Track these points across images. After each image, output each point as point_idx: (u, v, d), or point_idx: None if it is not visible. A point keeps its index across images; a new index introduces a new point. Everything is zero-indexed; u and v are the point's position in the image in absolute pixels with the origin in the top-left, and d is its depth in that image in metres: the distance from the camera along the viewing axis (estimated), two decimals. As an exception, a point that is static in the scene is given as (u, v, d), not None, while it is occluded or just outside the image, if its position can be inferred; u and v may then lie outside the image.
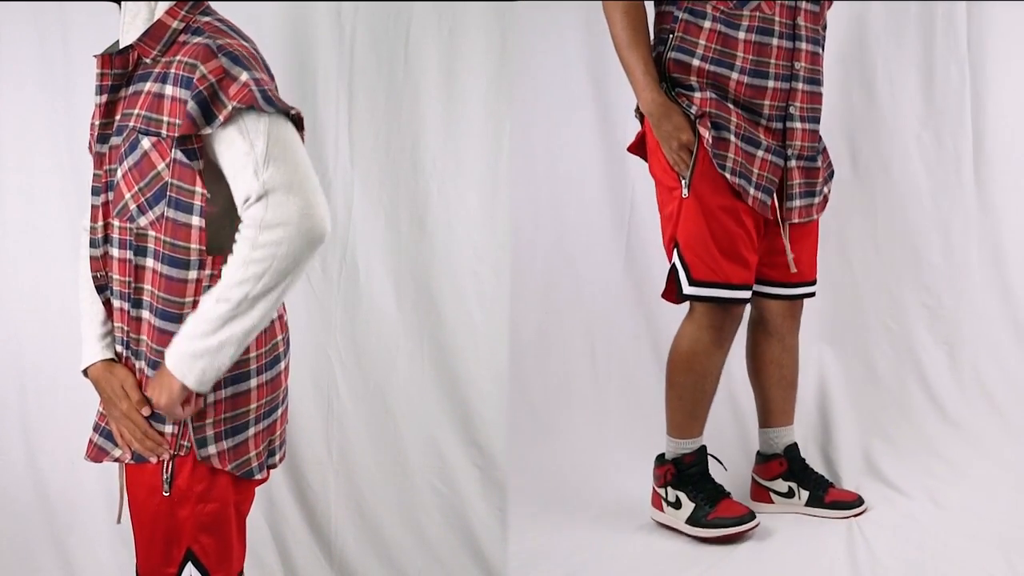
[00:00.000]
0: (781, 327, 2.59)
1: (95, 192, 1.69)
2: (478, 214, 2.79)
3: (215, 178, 1.63)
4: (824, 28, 2.51)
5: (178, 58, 1.60)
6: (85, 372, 1.76)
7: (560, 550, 2.51)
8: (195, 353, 1.57)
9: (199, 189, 1.60)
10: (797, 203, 2.47)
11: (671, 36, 2.41)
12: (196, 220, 1.61)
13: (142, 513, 1.70)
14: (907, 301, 3.04)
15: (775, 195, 2.43)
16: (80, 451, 1.85)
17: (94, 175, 1.69)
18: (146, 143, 1.60)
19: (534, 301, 3.15)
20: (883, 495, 2.60)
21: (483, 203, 2.79)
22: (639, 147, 2.56)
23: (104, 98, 1.68)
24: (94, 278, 1.71)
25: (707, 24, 2.38)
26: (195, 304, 1.62)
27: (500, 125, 2.76)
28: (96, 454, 1.74)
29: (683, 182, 2.39)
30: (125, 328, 1.69)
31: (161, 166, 1.60)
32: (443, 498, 2.79)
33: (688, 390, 2.52)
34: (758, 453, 2.68)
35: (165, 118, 1.59)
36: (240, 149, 1.55)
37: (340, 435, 2.77)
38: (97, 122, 1.69)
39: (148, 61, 1.64)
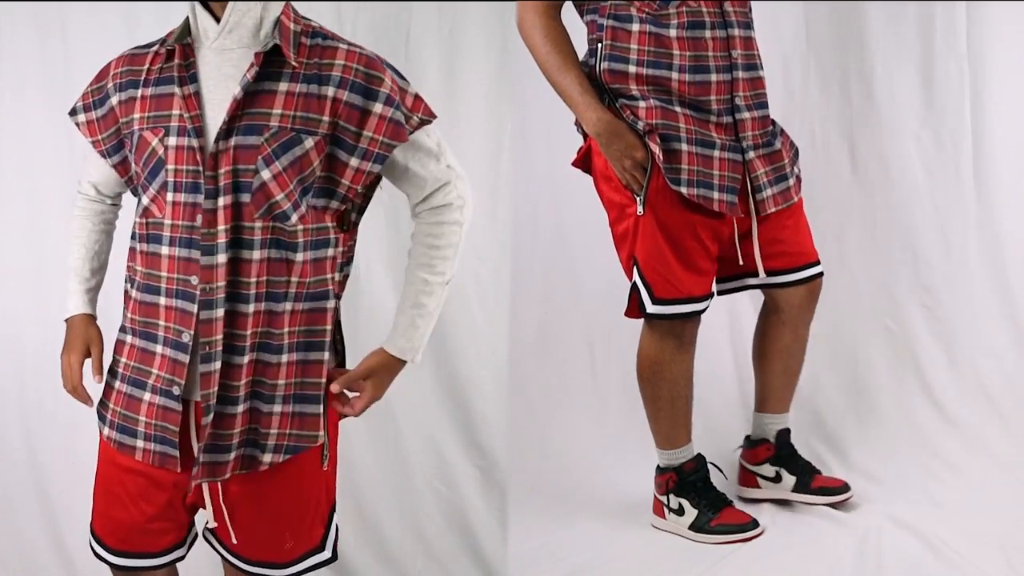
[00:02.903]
0: (796, 317, 2.54)
1: (209, 195, 1.62)
2: (478, 214, 2.77)
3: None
4: (750, 10, 2.41)
5: (337, 61, 1.67)
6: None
7: (560, 550, 2.51)
8: (426, 339, 1.79)
9: (344, 180, 1.71)
10: (768, 192, 2.40)
11: (600, 46, 2.33)
12: (335, 203, 1.73)
13: (304, 498, 1.79)
14: (906, 301, 3.04)
15: (743, 190, 2.39)
16: (80, 451, 1.85)
17: (206, 176, 1.62)
18: (309, 142, 1.65)
19: (534, 301, 3.15)
20: (882, 495, 2.60)
21: (483, 203, 2.78)
22: (583, 162, 2.49)
23: (188, 89, 1.65)
24: (203, 290, 1.63)
25: (635, 27, 2.30)
26: (333, 280, 1.74)
27: (500, 125, 2.76)
28: (238, 464, 1.70)
29: (638, 200, 2.35)
30: (254, 331, 1.66)
31: (316, 162, 1.67)
32: (443, 498, 2.80)
33: (664, 400, 2.52)
34: (747, 438, 2.66)
35: (325, 118, 1.65)
36: (428, 147, 1.76)
37: (340, 435, 2.77)
38: (188, 114, 1.63)
39: (293, 63, 1.65)
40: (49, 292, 2.65)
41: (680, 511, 2.53)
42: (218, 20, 1.67)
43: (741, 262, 2.44)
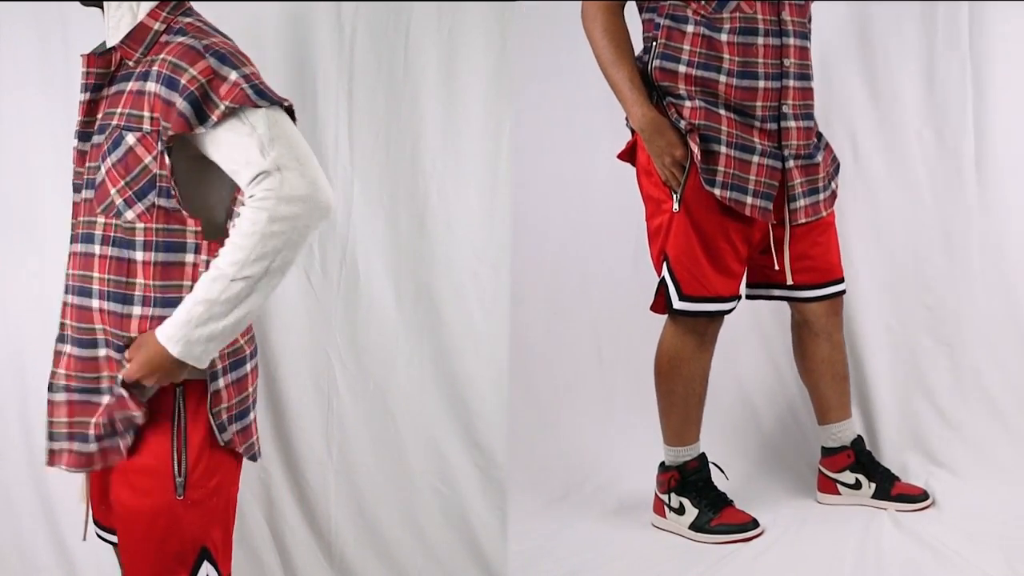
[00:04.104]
0: (827, 326, 2.58)
1: (75, 189, 1.74)
2: (478, 214, 2.79)
3: (199, 171, 1.68)
4: (809, 21, 2.46)
5: (161, 56, 1.64)
6: None
7: (561, 550, 2.51)
8: (209, 336, 1.59)
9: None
10: (801, 203, 2.45)
11: (654, 44, 2.39)
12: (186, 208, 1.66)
13: (148, 523, 1.67)
14: (908, 301, 3.03)
15: (779, 197, 2.42)
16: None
17: (75, 172, 1.74)
18: (130, 139, 1.64)
19: (541, 302, 3.15)
20: (883, 495, 2.60)
21: (483, 203, 2.79)
22: (629, 155, 2.53)
23: (87, 96, 1.74)
24: (66, 275, 1.74)
25: (690, 29, 2.35)
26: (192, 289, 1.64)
27: (500, 125, 2.76)
28: (76, 460, 1.73)
29: (675, 197, 2.38)
30: (104, 327, 1.69)
31: (148, 159, 1.64)
32: (443, 498, 2.80)
33: (678, 396, 2.53)
34: (823, 447, 2.67)
35: (146, 113, 1.63)
36: (241, 136, 1.59)
37: (340, 435, 2.77)
38: (78, 119, 1.75)
39: (130, 63, 1.68)
40: (49, 291, 2.65)
41: (681, 510, 2.53)
42: None
43: (777, 267, 2.48)
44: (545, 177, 3.12)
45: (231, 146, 1.60)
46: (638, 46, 2.47)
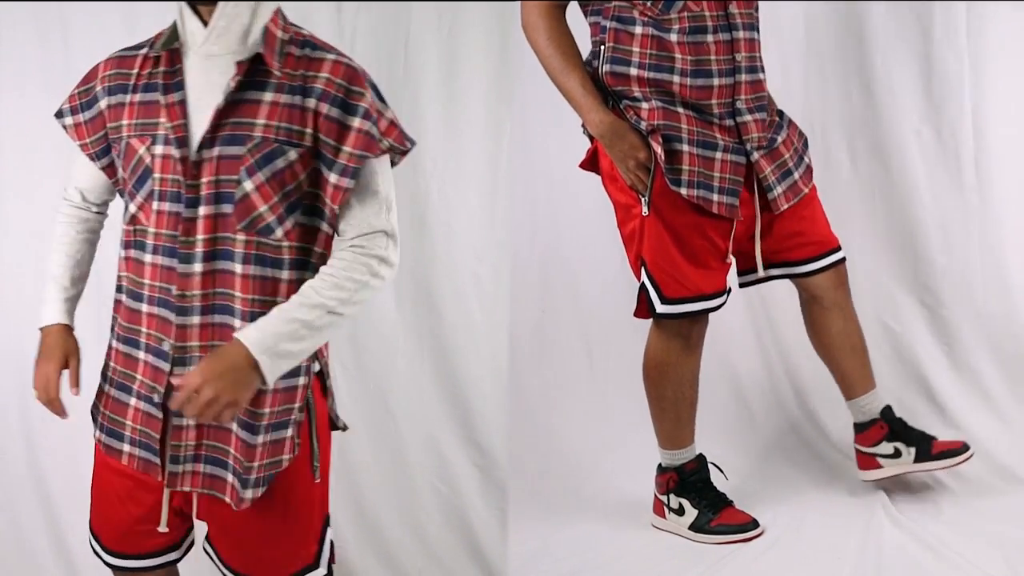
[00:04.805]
0: (837, 298, 2.52)
1: (189, 204, 1.61)
2: (478, 214, 2.79)
3: None
4: (756, 10, 2.39)
5: (324, 75, 1.62)
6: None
7: (560, 550, 2.51)
8: (291, 354, 1.59)
9: (327, 199, 1.64)
10: (779, 189, 2.40)
11: (603, 48, 2.33)
12: (325, 226, 1.67)
13: (294, 515, 1.74)
14: (907, 300, 3.03)
15: (755, 187, 2.39)
16: (80, 452, 1.85)
17: (187, 185, 1.61)
18: (293, 154, 1.61)
19: (531, 301, 3.15)
20: (882, 495, 2.60)
21: (483, 203, 2.79)
22: (591, 163, 2.48)
23: (173, 97, 1.63)
24: (179, 297, 1.63)
25: (638, 30, 2.29)
26: None
27: (500, 125, 2.76)
28: (202, 482, 1.71)
29: (643, 200, 2.35)
30: None
31: (303, 176, 1.63)
32: (443, 498, 2.80)
33: (668, 400, 2.52)
34: (855, 424, 2.61)
35: (308, 130, 1.61)
36: (376, 184, 1.66)
37: (340, 435, 2.77)
38: (170, 124, 1.62)
39: (276, 72, 1.61)
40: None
41: (680, 511, 2.53)
42: (206, 24, 1.63)
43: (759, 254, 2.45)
44: (543, 177, 3.12)
45: (368, 186, 1.65)
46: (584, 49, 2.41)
